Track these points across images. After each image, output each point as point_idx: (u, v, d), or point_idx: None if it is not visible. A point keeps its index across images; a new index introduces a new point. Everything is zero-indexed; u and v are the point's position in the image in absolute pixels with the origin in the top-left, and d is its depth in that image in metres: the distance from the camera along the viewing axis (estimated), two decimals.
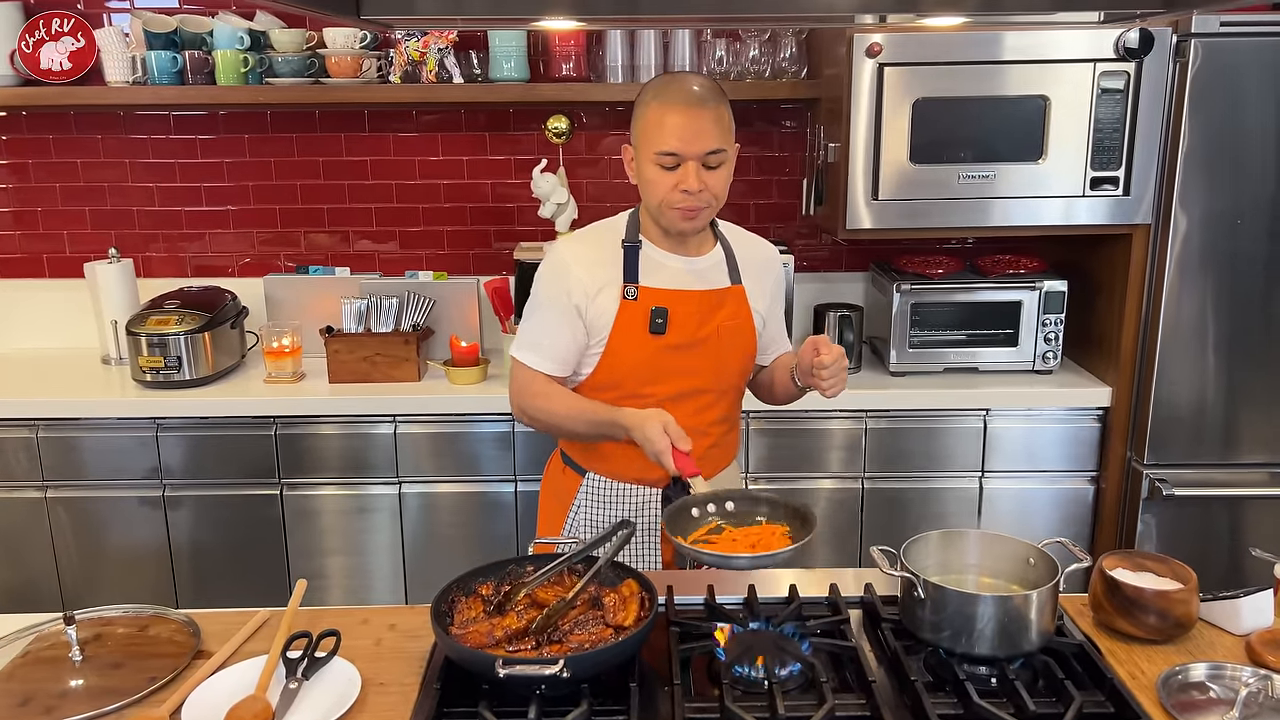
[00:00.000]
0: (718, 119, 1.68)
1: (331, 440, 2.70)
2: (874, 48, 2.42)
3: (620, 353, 1.77)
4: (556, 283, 1.78)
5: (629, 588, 1.47)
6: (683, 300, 1.77)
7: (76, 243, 3.14)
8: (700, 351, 1.78)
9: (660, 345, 1.76)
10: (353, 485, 2.72)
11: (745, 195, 3.14)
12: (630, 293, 1.76)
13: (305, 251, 3.17)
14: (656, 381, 1.78)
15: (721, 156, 1.69)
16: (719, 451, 1.88)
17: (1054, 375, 2.79)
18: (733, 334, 1.81)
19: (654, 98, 1.69)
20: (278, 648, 1.40)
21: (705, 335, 1.78)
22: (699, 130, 1.65)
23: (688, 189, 1.67)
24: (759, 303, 1.85)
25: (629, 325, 1.76)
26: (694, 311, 1.78)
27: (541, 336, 1.80)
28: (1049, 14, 2.35)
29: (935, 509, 2.75)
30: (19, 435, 2.67)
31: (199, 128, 3.06)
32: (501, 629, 1.37)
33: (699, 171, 1.67)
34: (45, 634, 1.50)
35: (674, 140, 1.66)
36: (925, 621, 1.38)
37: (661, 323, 1.75)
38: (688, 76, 1.74)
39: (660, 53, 2.83)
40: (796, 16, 1.89)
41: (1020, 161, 2.52)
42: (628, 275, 1.77)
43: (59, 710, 1.31)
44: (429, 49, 2.78)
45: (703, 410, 1.81)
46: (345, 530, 2.75)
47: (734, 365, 1.84)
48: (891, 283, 2.74)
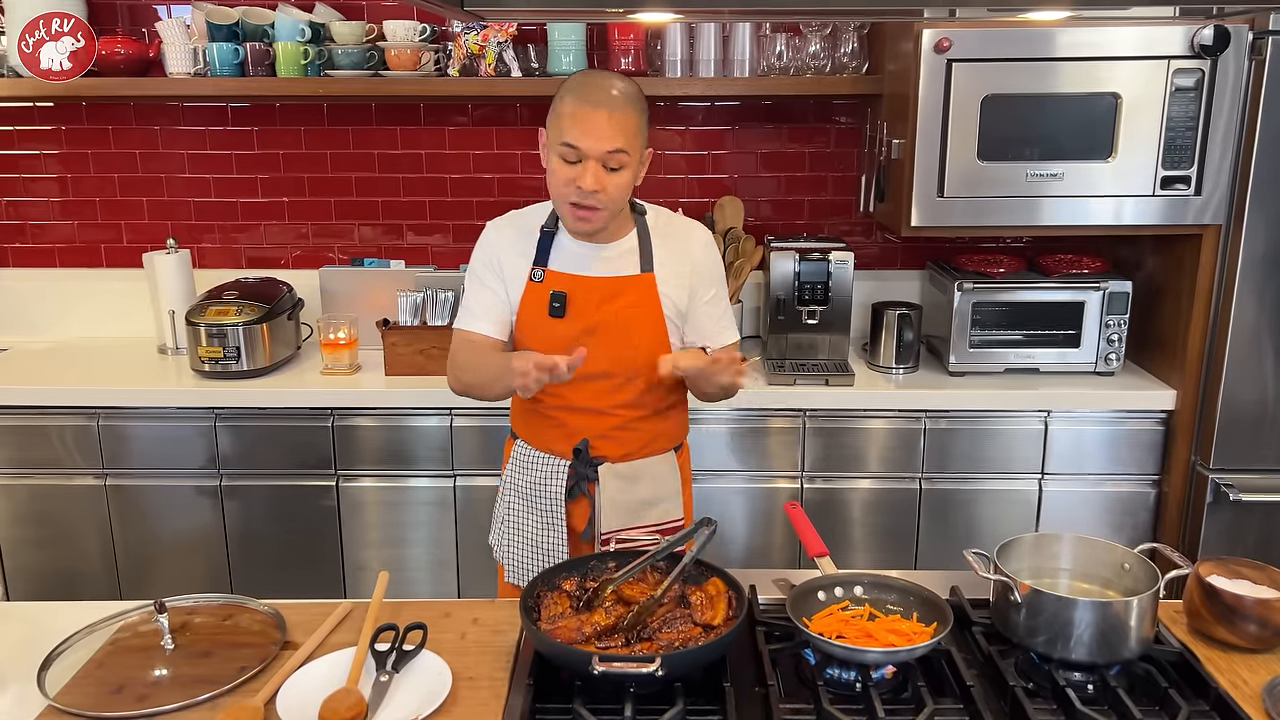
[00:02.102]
0: (625, 121, 1.70)
1: (387, 432, 2.70)
2: (943, 43, 2.39)
3: (525, 332, 1.87)
4: (483, 257, 1.90)
5: (715, 586, 1.46)
6: (583, 285, 1.83)
7: (134, 233, 3.16)
8: (599, 336, 1.82)
9: (559, 328, 1.82)
10: (408, 477, 2.73)
11: (799, 191, 3.12)
12: (537, 275, 1.84)
13: (358, 244, 3.17)
14: None
15: (623, 159, 1.71)
16: (628, 434, 1.89)
17: (1116, 377, 2.75)
18: (633, 321, 1.84)
19: (570, 90, 1.72)
20: (365, 640, 1.40)
21: (602, 320, 1.82)
22: (603, 129, 1.68)
23: (582, 186, 1.70)
24: (674, 291, 1.86)
25: (532, 307, 1.85)
26: (592, 296, 1.83)
27: (474, 303, 1.90)
28: (1124, 8, 2.33)
29: (993, 511, 2.72)
30: (79, 423, 2.69)
31: (256, 119, 3.07)
32: (590, 625, 1.37)
33: (597, 171, 1.70)
34: (129, 622, 1.51)
35: (578, 134, 1.69)
36: (1020, 626, 1.36)
37: (559, 306, 1.82)
38: (609, 77, 1.77)
39: (719, 47, 2.81)
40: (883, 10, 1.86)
41: (1089, 160, 2.48)
42: (538, 259, 1.85)
43: (152, 699, 1.31)
44: (488, 42, 2.77)
45: (605, 393, 1.85)
46: (400, 522, 2.76)
47: (636, 352, 1.85)
48: (952, 281, 2.71)
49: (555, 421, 1.90)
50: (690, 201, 3.09)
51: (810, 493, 2.70)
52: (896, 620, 1.41)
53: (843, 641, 1.34)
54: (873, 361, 2.83)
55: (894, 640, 1.34)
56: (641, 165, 1.78)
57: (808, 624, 1.38)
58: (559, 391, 1.85)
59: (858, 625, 1.39)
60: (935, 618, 1.39)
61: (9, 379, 2.78)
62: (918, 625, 1.39)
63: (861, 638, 1.35)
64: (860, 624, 1.39)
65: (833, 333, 2.77)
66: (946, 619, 1.36)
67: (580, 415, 1.87)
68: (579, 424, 1.87)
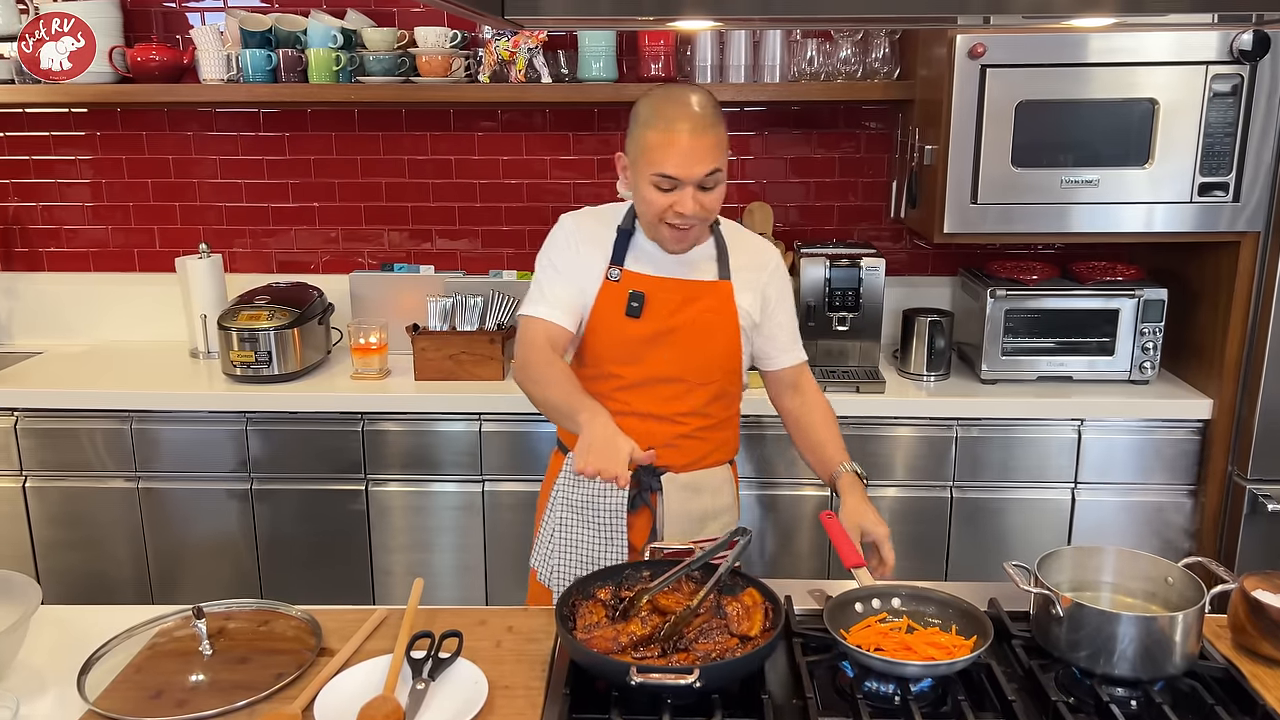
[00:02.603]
0: (717, 142, 1.67)
1: (416, 437, 2.71)
2: (977, 49, 2.37)
3: (598, 331, 1.83)
4: (560, 245, 1.86)
5: (751, 597, 1.45)
6: (662, 287, 1.80)
7: (166, 238, 3.19)
8: (674, 339, 1.80)
9: (634, 328, 1.80)
10: (436, 482, 2.73)
11: (829, 197, 3.10)
12: (614, 274, 1.81)
13: (387, 249, 3.19)
14: (628, 363, 1.83)
15: (718, 177, 1.69)
16: (693, 443, 1.86)
17: (1150, 385, 2.72)
18: (710, 327, 1.82)
19: (653, 119, 1.67)
20: (401, 647, 1.40)
21: (679, 323, 1.80)
22: (698, 156, 1.65)
23: (684, 213, 1.68)
24: (748, 301, 1.85)
25: (608, 305, 1.81)
26: (671, 299, 1.80)
27: (547, 289, 1.84)
28: (1161, 16, 2.30)
29: (1026, 521, 2.69)
30: (112, 426, 2.72)
31: (288, 125, 3.09)
32: (626, 635, 1.36)
33: (695, 194, 1.67)
34: (166, 627, 1.52)
35: (672, 164, 1.65)
36: (1062, 640, 1.34)
37: (637, 306, 1.79)
38: (687, 95, 1.69)
39: (750, 53, 2.80)
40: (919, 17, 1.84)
41: (1125, 166, 2.45)
42: (615, 258, 1.82)
43: (191, 704, 1.32)
44: (519, 48, 2.78)
45: (671, 400, 1.82)
46: (428, 527, 2.76)
47: (710, 358, 1.83)
48: (985, 288, 2.68)
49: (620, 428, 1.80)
50: (721, 207, 3.07)
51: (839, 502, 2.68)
52: (935, 633, 1.39)
53: (881, 654, 1.32)
54: (903, 369, 2.81)
55: (933, 654, 1.32)
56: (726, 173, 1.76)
57: (845, 636, 1.37)
58: (624, 398, 1.83)
59: (896, 638, 1.37)
60: (975, 631, 1.37)
61: (44, 382, 2.81)
62: (957, 638, 1.37)
63: (900, 650, 1.34)
64: (899, 636, 1.38)
65: (863, 339, 2.75)
66: (987, 632, 1.34)
67: (646, 421, 1.82)
68: (644, 430, 1.78)
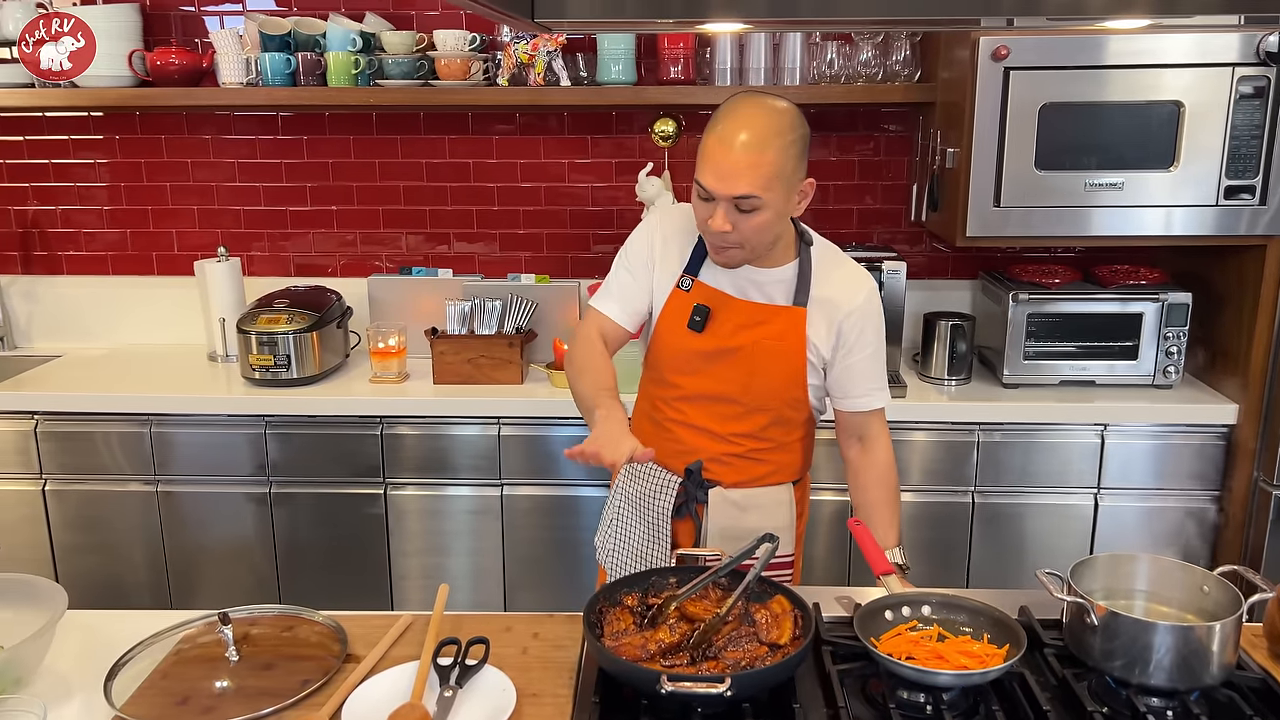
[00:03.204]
0: (759, 163, 1.55)
1: (434, 441, 2.70)
2: (1000, 51, 2.36)
3: (662, 337, 1.80)
4: (641, 243, 1.82)
5: (780, 604, 1.43)
6: (729, 305, 1.75)
7: (184, 241, 3.20)
8: (731, 360, 1.74)
9: (696, 342, 1.75)
10: (455, 486, 2.73)
11: (848, 200, 3.09)
12: (685, 283, 1.77)
13: (405, 252, 3.19)
14: (687, 375, 1.79)
15: (755, 203, 1.58)
16: (746, 463, 1.81)
17: (1174, 390, 2.70)
18: (771, 353, 1.74)
19: (717, 122, 1.61)
20: (428, 654, 1.39)
21: (739, 345, 1.74)
22: (733, 173, 1.56)
23: (712, 226, 1.61)
24: (819, 336, 1.74)
25: (673, 314, 1.77)
26: (736, 318, 1.74)
27: (614, 283, 1.83)
28: (1187, 16, 2.28)
29: (1048, 526, 2.67)
30: (131, 430, 2.72)
31: (306, 129, 3.09)
32: (655, 642, 1.35)
33: (728, 212, 1.59)
34: (191, 632, 1.51)
35: (708, 174, 1.59)
36: (1096, 649, 1.33)
37: (700, 320, 1.74)
38: (756, 109, 1.60)
39: (770, 55, 2.79)
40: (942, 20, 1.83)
41: (1150, 169, 2.43)
42: (691, 266, 1.77)
43: (218, 710, 1.31)
44: (538, 51, 2.77)
45: (726, 419, 1.78)
46: (446, 531, 2.76)
47: (769, 385, 1.75)
48: (1007, 292, 2.66)
49: (672, 436, 1.82)
50: None
51: None
52: (966, 641, 1.37)
53: (913, 663, 1.31)
54: (924, 373, 2.80)
55: (966, 663, 1.31)
56: (793, 199, 1.65)
57: (876, 644, 1.35)
58: (681, 407, 1.81)
59: (927, 646, 1.36)
60: (1007, 639, 1.36)
61: (63, 385, 2.81)
62: (989, 647, 1.35)
63: (932, 659, 1.32)
64: (930, 645, 1.36)
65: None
66: (1020, 641, 1.32)
67: (698, 435, 1.80)
68: (696, 443, 1.79)
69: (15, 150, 3.15)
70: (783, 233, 1.71)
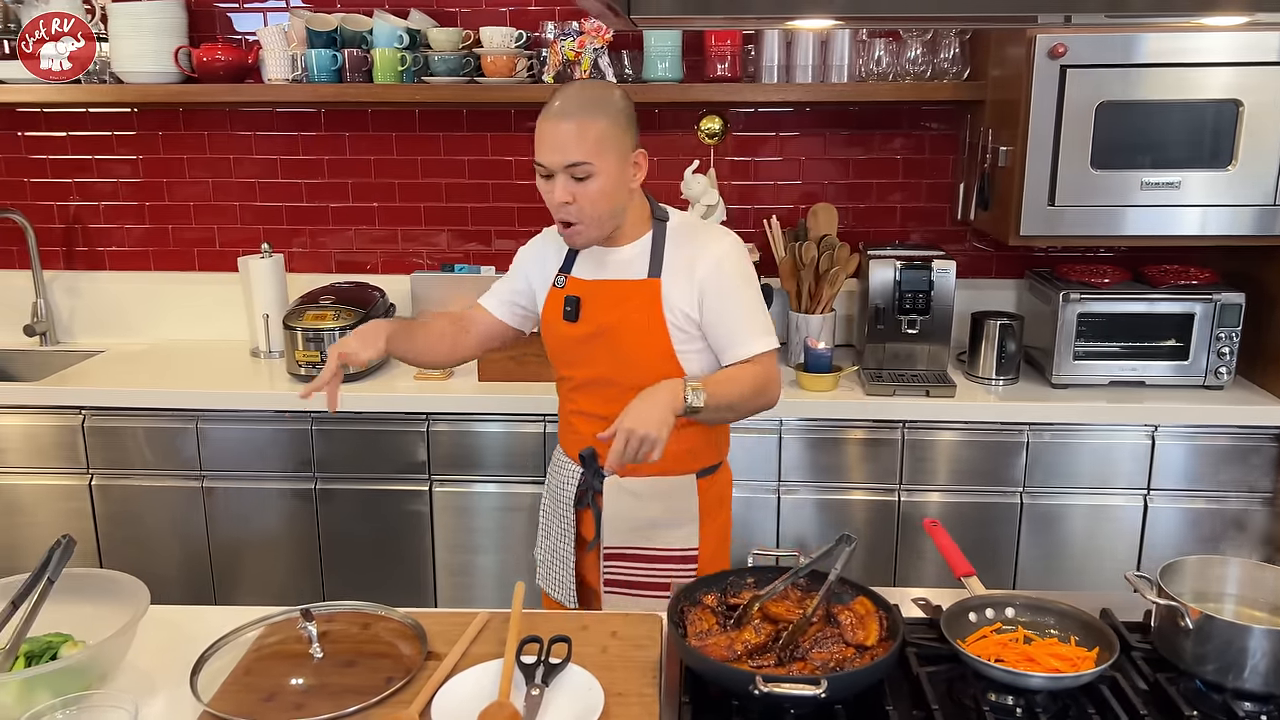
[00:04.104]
0: (582, 131, 1.67)
1: (480, 438, 2.70)
2: (1058, 49, 2.34)
3: (546, 335, 1.92)
4: (525, 250, 2.00)
5: (863, 605, 1.42)
6: (595, 290, 1.83)
7: (225, 237, 3.20)
8: (603, 341, 1.82)
9: (571, 330, 1.85)
10: (500, 482, 2.72)
11: (893, 199, 3.07)
12: (559, 280, 1.88)
13: (446, 249, 3.18)
14: (570, 364, 1.90)
15: (588, 169, 1.68)
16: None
17: (1225, 391, 2.68)
18: (635, 328, 1.80)
19: (546, 105, 1.73)
20: (511, 652, 1.38)
21: (608, 325, 1.81)
22: (559, 142, 1.68)
23: (553, 198, 1.71)
24: (681, 300, 1.78)
25: (552, 309, 1.89)
26: (601, 301, 1.82)
27: (495, 285, 2.03)
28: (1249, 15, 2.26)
29: (1096, 527, 2.65)
30: (177, 426, 2.72)
31: (349, 125, 3.09)
32: (741, 643, 1.34)
33: (565, 182, 1.69)
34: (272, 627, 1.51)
35: (542, 151, 1.71)
36: (1188, 652, 1.32)
37: (571, 310, 1.84)
38: (576, 87, 1.76)
39: (818, 52, 2.77)
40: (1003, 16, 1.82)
41: (1207, 169, 2.41)
42: (565, 265, 1.89)
43: (306, 708, 1.31)
44: (584, 48, 2.77)
45: (609, 402, 1.77)
46: (492, 528, 2.75)
47: (640, 359, 1.80)
48: (1057, 291, 2.65)
49: (571, 426, 1.93)
50: (781, 208, 3.06)
51: (907, 506, 2.65)
52: (1054, 644, 1.36)
53: (1002, 664, 1.30)
54: (971, 372, 2.78)
55: (1058, 665, 1.30)
56: (627, 170, 1.74)
57: (962, 646, 1.34)
58: (573, 397, 1.90)
59: (1016, 649, 1.34)
60: (1095, 642, 1.34)
61: (107, 381, 2.82)
62: (1079, 650, 1.34)
63: (1022, 661, 1.31)
64: (1019, 647, 1.35)
65: (933, 343, 2.72)
66: (1111, 644, 1.31)
67: (590, 421, 1.85)
68: (589, 430, 1.83)
69: (59, 146, 3.16)
70: (628, 206, 1.79)
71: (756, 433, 2.60)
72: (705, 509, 1.90)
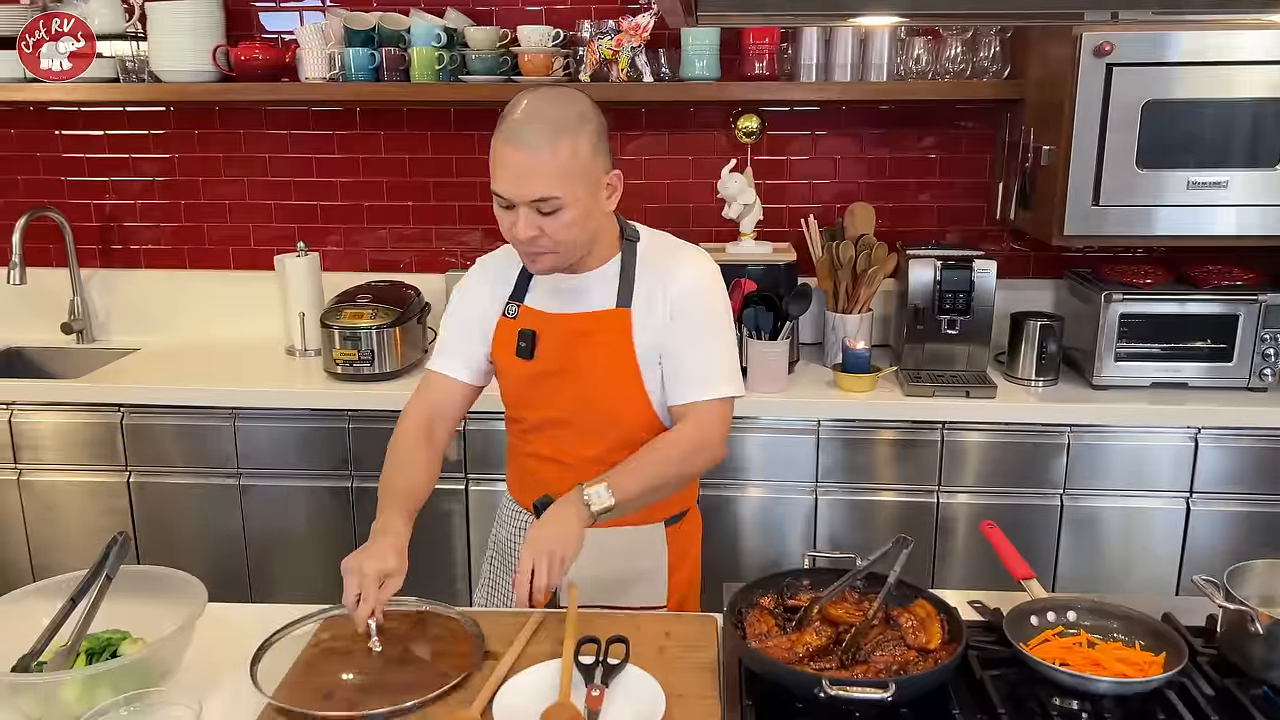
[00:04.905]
0: (550, 162, 1.44)
1: None
2: (1104, 47, 2.32)
3: (499, 372, 1.71)
4: (463, 287, 1.74)
5: (923, 608, 1.41)
6: (552, 324, 1.63)
7: (261, 235, 3.21)
8: (564, 381, 1.63)
9: (525, 369, 1.64)
10: None
11: (928, 198, 3.05)
12: (511, 310, 1.67)
13: (480, 248, 3.18)
14: (525, 405, 1.70)
15: (556, 203, 1.46)
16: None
17: (1270, 394, 2.65)
18: (601, 364, 1.61)
19: (502, 120, 1.50)
20: (569, 652, 1.38)
21: (569, 363, 1.62)
22: (522, 175, 1.45)
23: (517, 235, 1.50)
24: (652, 330, 1.60)
25: (503, 344, 1.68)
26: (560, 335, 1.63)
27: (442, 339, 1.74)
28: None
29: (1138, 530, 2.62)
30: (215, 424, 2.72)
31: (385, 124, 3.09)
32: (802, 645, 1.33)
33: (529, 217, 1.47)
34: (328, 622, 1.52)
35: (499, 181, 1.49)
36: (1257, 658, 1.30)
37: (525, 346, 1.63)
38: (538, 105, 1.49)
39: (857, 50, 2.76)
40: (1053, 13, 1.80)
41: (1255, 168, 2.39)
42: (516, 293, 1.68)
43: (364, 704, 1.31)
44: (621, 47, 2.76)
45: (571, 443, 1.65)
46: None
47: (604, 401, 1.62)
48: (1098, 292, 2.62)
49: (525, 469, 1.73)
50: (816, 207, 3.04)
51: (945, 507, 2.63)
52: (1119, 648, 1.35)
53: (1068, 668, 1.28)
54: (1010, 373, 2.76)
55: (1125, 670, 1.28)
56: (600, 194, 1.54)
57: (1026, 649, 1.33)
58: (529, 439, 1.71)
59: (1081, 653, 1.33)
60: (1162, 647, 1.33)
61: (145, 378, 2.83)
62: (1145, 654, 1.32)
63: (1088, 666, 1.30)
64: (1083, 652, 1.33)
65: (972, 343, 2.70)
66: (1178, 649, 1.30)
67: (547, 465, 1.69)
68: (546, 475, 1.67)
69: (96, 145, 3.17)
70: (601, 230, 1.59)
71: (793, 433, 2.59)
72: (674, 556, 1.74)
